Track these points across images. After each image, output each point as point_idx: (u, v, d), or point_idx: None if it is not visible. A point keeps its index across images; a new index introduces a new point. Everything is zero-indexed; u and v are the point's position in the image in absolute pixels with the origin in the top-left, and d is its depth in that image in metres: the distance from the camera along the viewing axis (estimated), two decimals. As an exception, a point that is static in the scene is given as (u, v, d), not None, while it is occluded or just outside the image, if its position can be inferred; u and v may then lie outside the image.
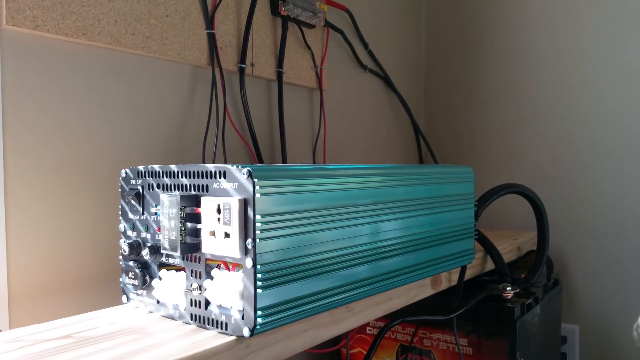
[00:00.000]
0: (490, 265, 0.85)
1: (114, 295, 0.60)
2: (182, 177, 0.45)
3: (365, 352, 0.88)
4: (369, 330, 0.88)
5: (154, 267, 0.48)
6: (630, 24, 1.04)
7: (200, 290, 0.44)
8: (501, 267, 0.83)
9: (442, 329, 0.80)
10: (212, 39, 0.72)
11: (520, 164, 1.17)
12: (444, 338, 0.80)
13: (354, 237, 0.51)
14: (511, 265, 0.94)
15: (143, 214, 0.48)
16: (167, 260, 0.47)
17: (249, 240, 0.41)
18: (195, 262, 0.45)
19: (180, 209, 0.43)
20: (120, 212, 0.50)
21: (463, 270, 0.75)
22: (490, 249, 0.83)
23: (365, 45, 1.07)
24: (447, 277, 0.72)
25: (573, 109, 1.10)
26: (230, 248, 0.41)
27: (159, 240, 0.47)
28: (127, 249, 0.48)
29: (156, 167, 0.47)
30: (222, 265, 0.43)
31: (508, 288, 0.78)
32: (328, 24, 0.94)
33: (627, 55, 1.04)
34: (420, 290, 0.66)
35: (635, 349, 1.03)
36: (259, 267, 0.41)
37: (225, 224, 0.41)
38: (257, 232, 0.41)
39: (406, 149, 1.23)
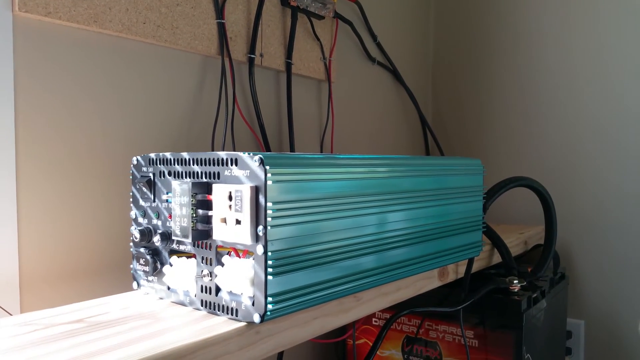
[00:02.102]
0: (497, 258, 0.85)
1: (124, 282, 0.60)
2: (193, 165, 0.45)
3: (370, 343, 0.88)
4: (375, 321, 0.89)
5: (165, 253, 0.48)
6: (634, 20, 1.03)
7: (210, 276, 0.44)
8: (508, 261, 0.83)
9: (448, 320, 0.80)
10: (222, 29, 0.72)
11: (527, 158, 1.16)
12: (450, 330, 0.80)
13: (363, 227, 0.51)
14: (518, 259, 0.94)
15: (154, 201, 0.49)
16: (178, 247, 0.47)
17: (260, 227, 0.41)
18: (206, 248, 0.45)
19: (192, 196, 0.44)
20: (131, 199, 0.51)
21: (470, 262, 0.75)
22: (497, 242, 0.83)
23: (374, 37, 1.07)
24: (454, 269, 0.72)
25: (581, 103, 1.10)
26: (242, 235, 0.41)
27: (170, 227, 0.47)
28: (138, 235, 0.48)
29: (167, 155, 0.47)
30: (232, 252, 0.43)
31: (515, 281, 0.78)
32: (337, 15, 0.94)
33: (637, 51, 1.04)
34: (427, 281, 0.66)
35: (640, 344, 1.03)
36: (269, 254, 0.41)
37: (236, 211, 0.41)
38: (269, 219, 0.41)
39: (413, 142, 1.23)
